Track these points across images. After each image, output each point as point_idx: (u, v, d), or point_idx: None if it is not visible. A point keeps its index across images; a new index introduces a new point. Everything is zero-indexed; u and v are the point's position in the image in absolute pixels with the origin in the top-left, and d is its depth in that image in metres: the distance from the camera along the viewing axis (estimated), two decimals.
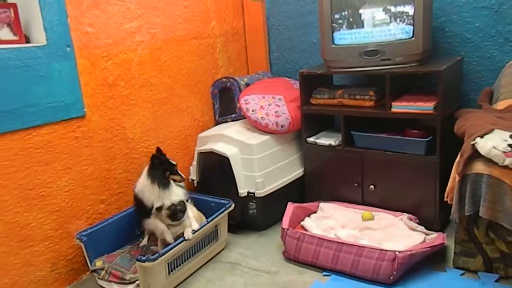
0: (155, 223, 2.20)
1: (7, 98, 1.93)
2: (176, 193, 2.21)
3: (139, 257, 2.00)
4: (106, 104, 2.38)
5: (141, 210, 2.26)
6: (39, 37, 2.06)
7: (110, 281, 2.14)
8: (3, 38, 1.97)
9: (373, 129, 2.53)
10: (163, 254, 2.02)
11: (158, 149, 2.31)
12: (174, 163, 2.30)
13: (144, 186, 2.23)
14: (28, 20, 2.07)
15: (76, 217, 2.28)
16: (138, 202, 2.26)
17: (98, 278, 2.18)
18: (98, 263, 2.21)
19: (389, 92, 2.35)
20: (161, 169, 2.24)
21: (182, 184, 2.34)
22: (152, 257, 1.99)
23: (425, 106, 2.27)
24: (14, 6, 2.00)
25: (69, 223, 2.25)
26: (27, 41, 2.07)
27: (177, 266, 2.14)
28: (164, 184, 2.20)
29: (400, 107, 2.35)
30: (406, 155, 2.37)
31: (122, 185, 2.49)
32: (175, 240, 2.14)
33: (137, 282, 2.06)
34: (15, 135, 1.99)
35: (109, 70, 2.37)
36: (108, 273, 2.16)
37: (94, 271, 2.20)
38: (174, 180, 2.28)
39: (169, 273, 2.09)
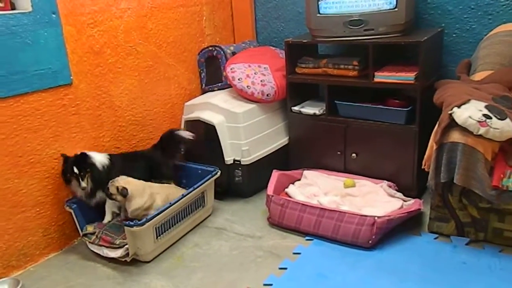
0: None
1: None
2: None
3: (127, 222, 2.06)
4: (93, 72, 2.38)
5: None
6: (24, 4, 2.04)
7: (100, 245, 2.20)
8: None
9: (356, 98, 2.58)
10: (151, 219, 2.09)
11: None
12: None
13: None
14: None
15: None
16: None
17: (89, 242, 2.24)
18: (90, 228, 2.27)
19: (372, 62, 2.40)
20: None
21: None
22: (139, 222, 2.05)
23: (406, 76, 2.34)
24: None
25: (59, 189, 2.29)
26: (13, 8, 2.05)
27: (164, 231, 2.21)
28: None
29: (382, 77, 2.41)
30: (387, 124, 2.44)
31: (110, 152, 2.52)
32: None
33: (126, 246, 2.12)
34: (3, 103, 2.01)
35: (95, 37, 2.36)
36: (99, 237, 2.22)
37: (85, 235, 2.26)
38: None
39: (157, 237, 2.17)
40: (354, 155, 2.60)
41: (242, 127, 2.61)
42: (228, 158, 2.63)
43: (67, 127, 2.29)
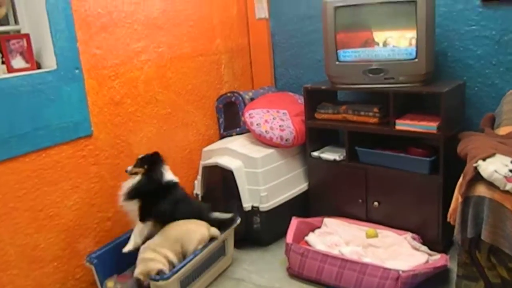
0: None
1: (19, 123, 1.96)
2: None
3: (153, 277, 2.02)
4: (113, 121, 2.40)
5: None
6: (50, 62, 2.09)
7: None
8: (16, 66, 2.01)
9: (377, 145, 2.56)
10: (176, 272, 2.04)
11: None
12: None
13: None
14: (40, 48, 2.11)
15: (83, 236, 2.30)
16: None
17: None
18: (110, 284, 2.23)
19: (393, 109, 2.38)
20: None
21: None
22: (165, 276, 2.01)
23: (428, 126, 2.31)
24: (27, 36, 2.05)
25: (77, 242, 2.28)
26: (39, 67, 2.11)
27: (189, 284, 2.16)
28: None
29: (404, 125, 2.38)
30: (410, 173, 2.39)
31: None
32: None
33: None
34: (26, 158, 2.02)
35: (115, 89, 2.40)
36: None
37: None
38: None
39: None
40: (376, 203, 2.55)
41: (261, 172, 2.59)
42: (247, 205, 2.60)
43: (87, 177, 2.30)
